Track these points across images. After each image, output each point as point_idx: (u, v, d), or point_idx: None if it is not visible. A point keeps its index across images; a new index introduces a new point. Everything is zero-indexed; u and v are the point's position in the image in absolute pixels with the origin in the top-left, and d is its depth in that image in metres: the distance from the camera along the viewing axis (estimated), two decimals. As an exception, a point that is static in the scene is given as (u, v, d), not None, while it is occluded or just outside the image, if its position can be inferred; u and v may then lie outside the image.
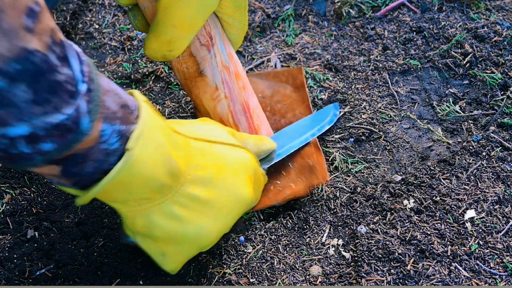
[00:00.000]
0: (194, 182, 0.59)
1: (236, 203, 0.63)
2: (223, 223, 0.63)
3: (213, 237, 0.63)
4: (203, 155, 0.61)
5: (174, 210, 0.58)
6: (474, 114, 0.89)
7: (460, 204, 0.76)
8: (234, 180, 0.63)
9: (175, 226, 0.59)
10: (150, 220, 0.58)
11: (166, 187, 0.57)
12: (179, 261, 0.64)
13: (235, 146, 0.66)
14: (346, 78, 0.96)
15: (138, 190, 0.55)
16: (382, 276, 0.69)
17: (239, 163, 0.65)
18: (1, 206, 0.78)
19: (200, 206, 0.60)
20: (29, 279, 0.70)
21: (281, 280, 0.71)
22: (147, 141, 0.53)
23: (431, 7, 1.05)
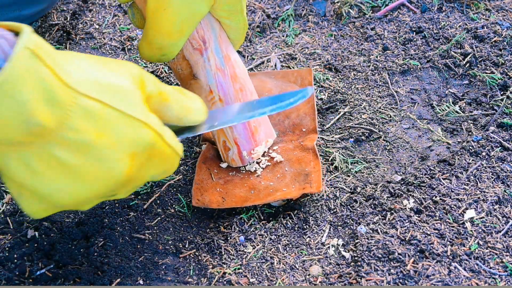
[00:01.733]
0: (63, 143, 0.55)
1: (103, 176, 0.59)
2: (83, 190, 0.59)
3: (69, 200, 0.59)
4: (87, 118, 0.56)
5: (31, 162, 0.55)
6: (474, 114, 0.89)
7: (460, 204, 0.76)
8: (110, 152, 0.58)
9: (27, 177, 0.56)
10: (6, 163, 0.55)
11: (24, 143, 0.53)
12: (37, 208, 0.60)
13: (133, 118, 0.59)
14: (346, 78, 0.96)
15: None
16: (382, 276, 0.69)
17: (126, 138, 0.59)
18: (1, 206, 0.78)
19: (61, 167, 0.56)
20: (29, 279, 0.70)
21: (281, 280, 0.71)
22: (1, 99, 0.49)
23: (431, 7, 1.05)
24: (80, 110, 0.55)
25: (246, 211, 0.78)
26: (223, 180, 0.81)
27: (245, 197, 0.78)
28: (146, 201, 0.79)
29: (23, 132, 0.52)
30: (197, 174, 0.81)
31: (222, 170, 0.82)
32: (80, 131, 0.55)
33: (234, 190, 0.79)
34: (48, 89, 0.52)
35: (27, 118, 0.51)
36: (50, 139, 0.54)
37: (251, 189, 0.79)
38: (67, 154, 0.56)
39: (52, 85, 0.52)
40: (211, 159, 0.83)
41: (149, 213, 0.78)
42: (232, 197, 0.78)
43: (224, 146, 0.81)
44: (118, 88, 0.59)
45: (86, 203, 0.61)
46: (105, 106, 0.57)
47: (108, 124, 0.57)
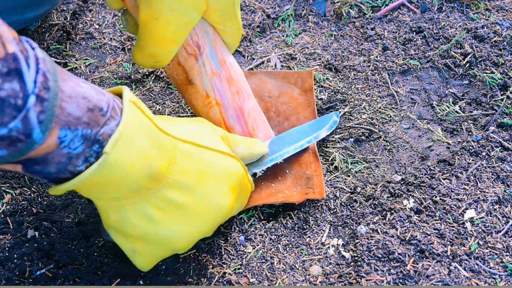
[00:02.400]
0: (174, 186, 0.59)
1: (213, 212, 0.63)
2: (198, 229, 0.63)
3: (185, 242, 0.63)
4: (189, 160, 0.60)
5: (148, 211, 0.58)
6: (474, 114, 0.89)
7: (460, 204, 0.76)
8: (216, 188, 0.63)
9: (147, 226, 0.59)
10: (123, 217, 0.58)
11: (144, 189, 0.57)
12: (150, 259, 0.64)
13: (225, 153, 0.65)
14: (346, 78, 0.96)
15: (113, 191, 0.55)
16: (382, 276, 0.69)
17: (224, 172, 0.64)
18: (1, 206, 0.78)
19: (176, 210, 0.60)
20: (29, 279, 0.70)
21: (281, 280, 0.71)
22: (126, 144, 0.53)
23: (431, 7, 1.05)
24: (181, 154, 0.60)
25: (246, 211, 0.78)
26: None
27: None
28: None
29: (145, 176, 0.55)
30: None
31: None
32: (186, 172, 0.60)
33: None
34: (154, 137, 0.56)
35: (148, 162, 0.55)
36: (163, 184, 0.58)
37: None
38: (179, 196, 0.60)
39: (156, 133, 0.57)
40: None
41: (149, 213, 0.78)
42: None
43: None
44: (202, 132, 0.65)
45: (194, 242, 0.65)
46: (199, 147, 0.62)
47: (207, 163, 0.62)
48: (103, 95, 0.54)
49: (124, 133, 0.52)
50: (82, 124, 0.51)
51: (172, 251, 0.64)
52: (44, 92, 0.47)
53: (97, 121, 0.52)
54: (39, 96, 0.46)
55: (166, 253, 0.64)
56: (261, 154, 0.75)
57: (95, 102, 0.52)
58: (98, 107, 0.52)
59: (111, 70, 0.98)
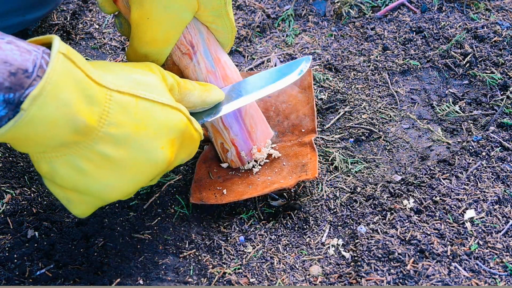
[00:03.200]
0: (106, 139, 0.57)
1: (148, 166, 0.61)
2: (131, 182, 0.61)
3: (118, 194, 0.61)
4: (124, 112, 0.58)
5: (79, 163, 0.57)
6: (474, 114, 0.89)
7: (460, 204, 0.76)
8: (151, 141, 0.61)
9: (78, 178, 0.58)
10: (53, 168, 0.57)
11: (71, 143, 0.56)
12: (85, 208, 0.63)
13: (166, 105, 0.62)
14: (346, 78, 0.96)
15: (36, 145, 0.54)
16: (382, 276, 0.69)
17: (163, 125, 0.62)
18: (1, 206, 0.78)
19: (107, 163, 0.59)
20: (29, 279, 0.70)
21: (281, 280, 0.71)
22: (47, 101, 0.51)
23: (431, 7, 1.05)
24: (116, 106, 0.57)
25: (246, 211, 0.78)
26: (222, 178, 0.81)
27: (242, 191, 0.78)
28: (146, 201, 0.79)
29: (70, 131, 0.54)
30: (196, 173, 0.81)
31: (222, 169, 0.82)
32: (120, 125, 0.58)
33: (232, 186, 0.79)
34: (84, 89, 0.54)
35: (73, 116, 0.53)
36: (93, 137, 0.56)
37: (249, 184, 0.79)
38: (111, 150, 0.58)
39: (87, 85, 0.55)
40: (211, 159, 0.83)
41: (149, 213, 0.78)
42: (230, 193, 0.78)
43: (222, 148, 0.81)
44: (144, 82, 0.62)
45: (130, 194, 0.63)
46: (138, 99, 0.59)
47: (144, 115, 0.60)
48: (30, 54, 0.52)
49: (45, 88, 0.51)
50: (4, 89, 0.50)
51: (106, 201, 0.63)
52: None
53: (20, 84, 0.51)
54: None
55: (101, 203, 0.63)
56: (216, 101, 0.73)
57: (18, 64, 0.51)
58: (22, 69, 0.51)
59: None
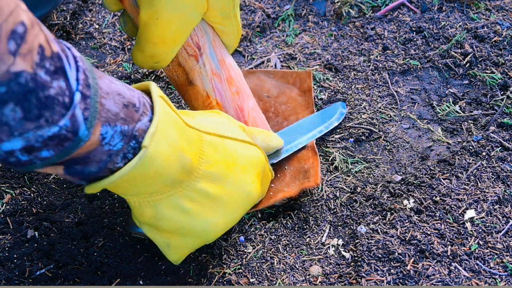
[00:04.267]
0: (205, 177, 0.60)
1: (244, 200, 0.64)
2: (230, 218, 0.64)
3: (218, 232, 0.64)
4: (215, 151, 0.61)
5: (183, 204, 0.59)
6: (474, 114, 0.89)
7: (460, 204, 0.76)
8: (244, 176, 0.64)
9: (183, 219, 0.60)
10: (158, 211, 0.59)
11: (177, 182, 0.57)
12: (183, 252, 0.65)
13: (246, 142, 0.66)
14: (346, 78, 0.96)
15: (150, 185, 0.56)
16: (382, 276, 0.69)
17: (250, 160, 0.65)
18: (1, 206, 0.78)
19: (209, 201, 0.61)
20: (29, 279, 0.70)
21: (281, 280, 0.71)
22: (161, 138, 0.53)
23: (431, 7, 1.05)
24: (208, 145, 0.60)
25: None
26: None
27: None
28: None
29: (180, 169, 0.56)
30: None
31: None
32: (215, 163, 0.61)
33: None
34: (182, 130, 0.57)
35: (181, 154, 0.56)
36: (195, 176, 0.59)
37: None
38: (210, 187, 0.60)
39: (184, 126, 0.57)
40: None
41: (149, 213, 0.78)
42: None
43: None
44: (222, 123, 0.66)
45: (227, 230, 0.66)
46: (223, 138, 0.63)
47: (232, 152, 0.63)
48: (133, 91, 0.55)
49: (159, 127, 0.53)
50: (120, 120, 0.51)
51: (205, 241, 0.65)
52: (86, 89, 0.47)
53: (132, 116, 0.52)
54: (82, 93, 0.47)
55: (199, 244, 0.65)
56: (278, 146, 0.77)
57: (128, 98, 0.53)
58: (132, 103, 0.53)
59: (111, 70, 0.98)
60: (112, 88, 0.52)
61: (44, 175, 0.82)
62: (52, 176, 0.82)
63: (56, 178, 0.82)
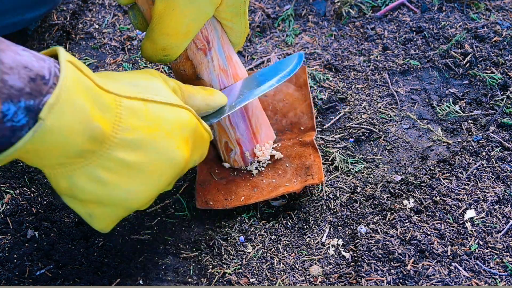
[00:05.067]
0: (122, 145, 0.57)
1: (167, 167, 0.61)
2: (153, 186, 0.61)
3: (143, 200, 0.61)
4: (135, 116, 0.58)
5: (98, 174, 0.57)
6: (474, 114, 0.89)
7: (460, 204, 0.76)
8: (167, 142, 0.60)
9: (100, 190, 0.57)
10: (73, 183, 0.57)
11: (88, 152, 0.55)
12: (108, 221, 0.62)
13: (174, 105, 0.62)
14: (346, 78, 0.96)
15: (55, 157, 0.54)
16: (382, 276, 0.69)
17: (175, 125, 0.61)
18: (1, 206, 0.78)
19: (128, 170, 0.58)
20: (29, 279, 0.70)
21: (281, 280, 0.71)
22: (63, 109, 0.51)
23: (431, 7, 1.05)
24: (127, 111, 0.57)
25: (246, 211, 0.78)
26: (225, 180, 0.81)
27: (248, 195, 0.78)
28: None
29: (88, 139, 0.54)
30: (198, 175, 0.81)
31: (223, 170, 0.82)
32: (133, 129, 0.57)
33: (236, 189, 0.79)
34: (95, 97, 0.54)
35: (89, 123, 0.53)
36: (109, 145, 0.56)
37: (254, 187, 0.79)
38: (128, 155, 0.57)
39: (97, 92, 0.54)
40: (211, 160, 0.83)
41: (149, 213, 0.78)
42: (236, 197, 0.78)
43: (226, 147, 0.80)
44: (149, 86, 0.62)
45: (152, 199, 0.63)
46: (146, 102, 0.59)
47: (155, 117, 0.59)
48: (44, 61, 0.52)
49: (61, 96, 0.51)
50: (25, 95, 0.49)
51: (130, 210, 0.62)
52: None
53: (39, 90, 0.50)
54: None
55: (125, 213, 0.62)
56: (220, 105, 0.73)
57: (36, 70, 0.50)
58: (40, 75, 0.50)
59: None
60: (17, 61, 0.49)
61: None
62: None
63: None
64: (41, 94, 0.50)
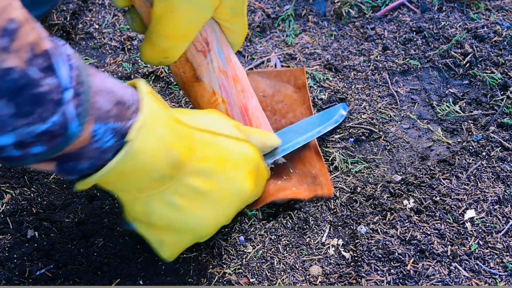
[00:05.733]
0: (196, 173, 0.60)
1: (236, 196, 0.64)
2: (222, 215, 0.64)
3: (211, 228, 0.64)
4: (206, 147, 0.61)
5: (173, 200, 0.59)
6: (474, 114, 0.89)
7: (460, 204, 0.76)
8: (235, 173, 0.64)
9: (174, 215, 0.60)
10: (149, 208, 0.59)
11: (167, 177, 0.58)
12: (176, 249, 0.65)
13: (239, 139, 0.66)
14: (346, 78, 0.96)
15: (138, 180, 0.56)
16: (382, 276, 0.69)
17: (242, 157, 0.65)
18: (1, 206, 0.78)
19: (200, 197, 0.61)
20: (29, 279, 0.70)
21: (281, 280, 0.71)
22: (148, 133, 0.54)
23: (431, 7, 1.05)
24: (199, 142, 0.61)
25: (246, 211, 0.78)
26: None
27: None
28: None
29: (168, 164, 0.56)
30: None
31: None
32: (206, 159, 0.61)
33: None
34: (172, 125, 0.57)
35: (169, 149, 0.56)
36: (185, 172, 0.59)
37: None
38: (201, 183, 0.60)
39: (173, 122, 0.57)
40: None
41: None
42: None
43: None
44: (215, 121, 0.66)
45: (219, 227, 0.66)
46: (215, 135, 0.63)
47: (224, 149, 0.63)
48: (126, 89, 0.55)
49: (146, 121, 0.54)
50: (112, 117, 0.52)
51: (197, 239, 0.65)
52: (78, 86, 0.48)
53: (124, 114, 0.53)
54: (75, 90, 0.47)
55: (192, 241, 0.65)
56: (274, 145, 0.77)
57: (120, 95, 0.53)
58: (124, 101, 0.53)
59: (111, 70, 0.98)
60: (104, 85, 0.52)
61: (44, 175, 0.82)
62: (52, 176, 0.82)
63: (56, 178, 0.82)
64: (126, 118, 0.53)
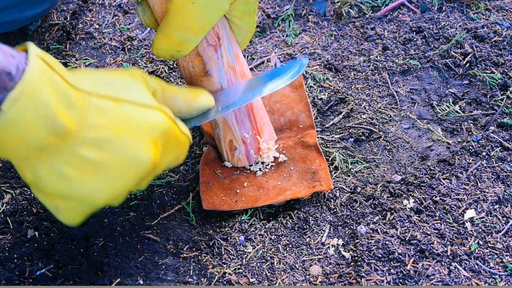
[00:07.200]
0: (86, 143, 0.57)
1: (131, 167, 0.61)
2: (116, 185, 0.61)
3: (106, 198, 0.61)
4: (103, 115, 0.58)
5: (62, 169, 0.57)
6: (474, 114, 0.89)
7: (460, 204, 0.76)
8: (132, 142, 0.60)
9: (63, 185, 0.58)
10: (37, 175, 0.57)
11: (50, 147, 0.56)
12: (74, 215, 0.62)
13: (146, 106, 0.62)
14: (346, 78, 0.96)
15: (16, 148, 0.55)
16: (382, 276, 0.69)
17: (144, 125, 0.61)
18: (1, 206, 0.78)
19: (90, 167, 0.58)
20: (29, 279, 0.70)
21: (281, 280, 0.71)
22: (26, 102, 0.52)
23: (431, 7, 1.05)
24: (95, 109, 0.58)
25: (246, 211, 0.78)
26: (228, 179, 0.81)
27: (254, 196, 0.78)
28: (146, 201, 0.79)
29: (50, 133, 0.54)
30: (202, 176, 0.80)
31: (226, 170, 0.82)
32: (100, 128, 0.58)
33: (242, 189, 0.79)
34: (62, 93, 0.55)
35: (52, 119, 0.54)
36: (74, 141, 0.56)
37: (259, 188, 0.79)
38: (92, 153, 0.58)
39: (64, 89, 0.55)
40: (212, 161, 0.83)
41: (149, 213, 0.78)
42: (242, 198, 0.78)
43: (231, 146, 0.80)
44: (124, 85, 0.62)
45: (118, 197, 0.63)
46: (117, 101, 0.60)
47: (124, 117, 0.60)
48: (13, 57, 0.52)
49: (25, 90, 0.51)
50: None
51: (93, 207, 0.62)
52: None
53: (4, 86, 0.51)
54: None
55: (90, 209, 0.62)
56: (204, 108, 0.72)
57: (2, 66, 0.51)
58: (6, 72, 0.51)
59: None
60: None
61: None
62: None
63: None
64: (6, 90, 0.51)
